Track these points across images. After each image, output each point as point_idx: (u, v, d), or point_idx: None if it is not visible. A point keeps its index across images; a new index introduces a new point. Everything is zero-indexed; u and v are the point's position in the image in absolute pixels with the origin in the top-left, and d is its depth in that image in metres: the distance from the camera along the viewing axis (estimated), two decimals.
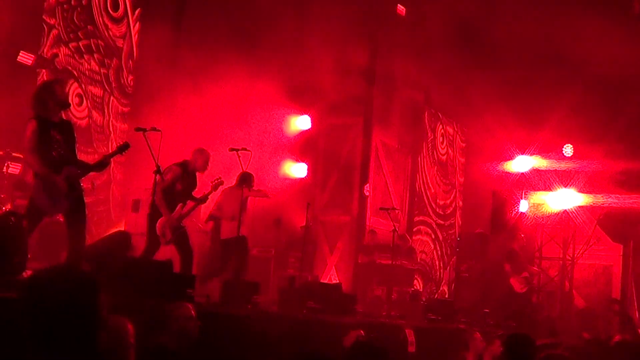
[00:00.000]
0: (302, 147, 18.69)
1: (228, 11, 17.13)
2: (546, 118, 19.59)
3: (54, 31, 14.90)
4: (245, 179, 12.67)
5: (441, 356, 11.10)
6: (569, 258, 20.00)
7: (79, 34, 15.44)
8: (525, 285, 16.69)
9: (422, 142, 21.55)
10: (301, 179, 18.45)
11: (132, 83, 16.65)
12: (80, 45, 15.50)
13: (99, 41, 15.87)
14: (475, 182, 22.29)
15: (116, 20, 16.34)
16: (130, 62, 16.60)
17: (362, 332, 9.23)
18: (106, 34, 16.04)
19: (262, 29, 17.46)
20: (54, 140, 8.46)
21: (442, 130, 22.55)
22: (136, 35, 16.70)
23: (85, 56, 15.56)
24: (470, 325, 12.92)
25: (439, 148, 22.37)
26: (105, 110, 16.06)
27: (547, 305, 19.19)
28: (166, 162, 11.77)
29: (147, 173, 11.47)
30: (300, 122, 18.70)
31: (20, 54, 13.89)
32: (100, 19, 15.93)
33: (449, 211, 22.56)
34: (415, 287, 17.27)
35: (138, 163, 13.66)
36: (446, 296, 20.98)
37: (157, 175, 10.67)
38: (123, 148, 9.25)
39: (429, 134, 21.96)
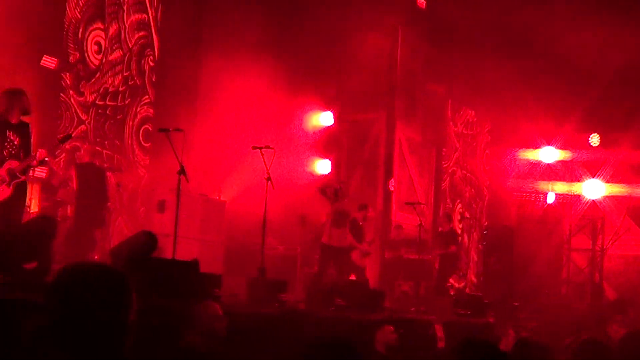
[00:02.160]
0: (325, 143, 18.68)
1: (250, 7, 17.12)
2: (572, 108, 19.46)
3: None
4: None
5: None
6: (598, 249, 19.86)
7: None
8: None
9: (446, 134, 21.48)
10: (325, 175, 18.43)
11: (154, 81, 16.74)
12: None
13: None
14: (500, 174, 22.18)
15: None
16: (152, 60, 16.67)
17: (391, 327, 9.26)
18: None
19: (284, 25, 17.48)
20: (8, 140, 9.17)
21: (466, 123, 22.44)
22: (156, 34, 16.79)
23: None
24: (500, 320, 12.87)
25: (463, 140, 22.28)
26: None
27: (577, 297, 19.07)
28: (190, 162, 11.84)
29: (171, 174, 11.52)
30: (323, 118, 18.68)
31: (43, 57, 13.98)
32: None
33: (474, 204, 22.47)
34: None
35: (162, 164, 13.70)
36: (474, 284, 20.95)
37: (181, 175, 10.70)
38: (64, 139, 10.50)
39: (453, 127, 21.87)
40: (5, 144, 9.15)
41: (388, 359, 9.00)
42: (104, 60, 15.42)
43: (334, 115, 18.59)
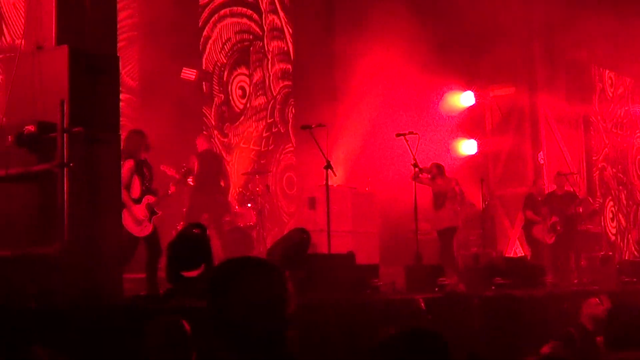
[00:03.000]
0: (469, 123, 18.44)
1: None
2: None
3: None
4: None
5: None
6: None
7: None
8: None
9: (592, 100, 20.82)
10: (472, 156, 18.19)
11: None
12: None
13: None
14: None
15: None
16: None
17: (596, 299, 8.55)
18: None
19: (413, 7, 17.33)
20: (145, 176, 9.79)
21: (612, 86, 21.68)
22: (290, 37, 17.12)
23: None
24: None
25: (611, 105, 21.53)
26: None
27: None
28: (335, 156, 11.99)
29: (318, 170, 11.67)
30: (464, 99, 18.43)
31: (183, 70, 14.44)
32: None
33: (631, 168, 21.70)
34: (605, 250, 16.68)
35: (308, 161, 13.90)
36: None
37: (329, 170, 10.81)
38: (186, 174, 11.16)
39: (598, 92, 21.18)
40: (144, 179, 9.79)
41: (594, 334, 8.24)
42: (248, 105, 15.89)
43: (474, 95, 18.30)
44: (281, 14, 17.04)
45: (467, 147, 18.29)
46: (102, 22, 7.77)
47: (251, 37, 16.53)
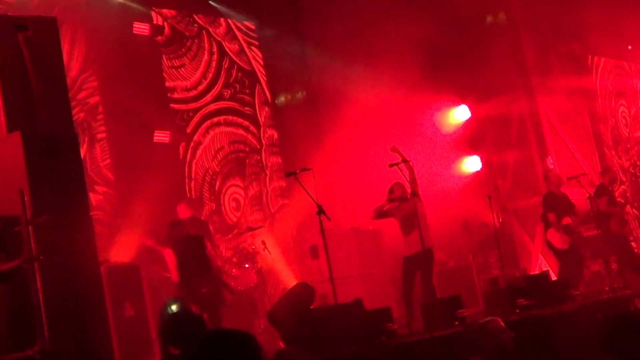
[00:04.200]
0: (468, 139, 18.41)
1: (343, 23, 17.34)
2: None
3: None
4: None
5: None
6: None
7: None
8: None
9: (595, 92, 20.85)
10: (477, 173, 18.17)
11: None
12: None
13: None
14: None
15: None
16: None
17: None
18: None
19: (379, 28, 17.47)
20: None
21: (612, 75, 21.72)
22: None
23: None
24: None
25: (613, 97, 21.56)
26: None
27: None
28: (329, 198, 11.97)
29: (312, 216, 11.64)
30: (459, 113, 18.45)
31: (155, 133, 14.65)
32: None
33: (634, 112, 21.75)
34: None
35: (303, 210, 13.91)
36: None
37: (321, 215, 10.77)
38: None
39: (599, 82, 21.21)
40: None
41: None
42: (242, 220, 16.04)
43: (469, 108, 18.32)
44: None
45: (471, 164, 18.26)
46: (54, 102, 7.76)
47: (247, 149, 17.05)
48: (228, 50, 17.49)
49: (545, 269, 16.00)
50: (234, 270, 13.77)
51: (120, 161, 14.33)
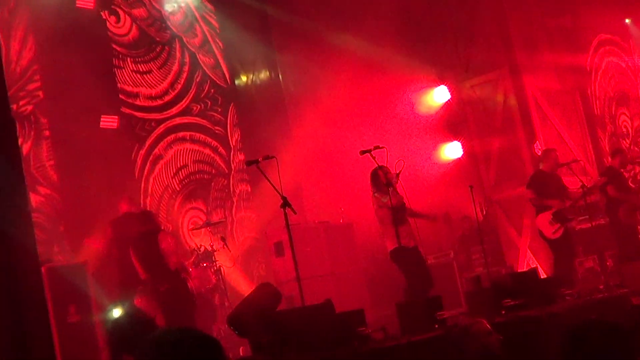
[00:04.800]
0: (447, 123, 18.47)
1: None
2: None
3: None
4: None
5: None
6: None
7: None
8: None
9: (588, 71, 20.94)
10: (458, 160, 18.23)
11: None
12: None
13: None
14: None
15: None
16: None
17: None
18: None
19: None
20: None
21: (608, 52, 21.85)
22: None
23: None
24: None
25: (613, 103, 21.68)
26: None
27: None
28: (297, 190, 11.98)
29: (276, 209, 11.61)
30: (438, 95, 18.50)
31: (102, 119, 14.62)
32: None
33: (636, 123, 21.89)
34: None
35: (263, 200, 13.89)
36: None
37: (286, 208, 10.72)
38: None
39: (593, 60, 21.31)
40: None
41: None
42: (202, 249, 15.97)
43: (448, 89, 18.37)
44: None
45: (451, 150, 18.33)
46: None
47: (214, 171, 17.07)
48: (202, 63, 17.51)
49: (534, 265, 16.09)
50: (190, 269, 13.73)
51: (65, 159, 14.26)
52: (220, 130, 17.45)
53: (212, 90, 17.53)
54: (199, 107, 17.19)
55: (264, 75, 18.24)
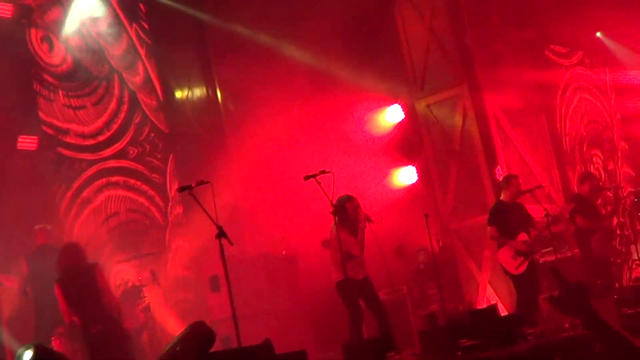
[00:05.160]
0: (401, 145, 18.54)
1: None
2: None
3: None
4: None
5: None
6: None
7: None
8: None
9: (554, 91, 21.19)
10: (413, 186, 18.29)
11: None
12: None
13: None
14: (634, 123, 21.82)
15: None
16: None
17: None
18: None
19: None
20: None
21: (575, 72, 22.18)
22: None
23: None
24: None
25: (577, 94, 21.98)
26: None
27: None
28: (228, 219, 11.90)
29: (211, 238, 11.56)
30: (391, 115, 18.58)
31: (19, 140, 14.48)
32: None
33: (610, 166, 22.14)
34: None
35: (198, 229, 13.83)
36: None
37: (222, 238, 10.68)
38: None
39: (561, 78, 21.58)
40: None
41: None
42: None
43: (402, 107, 18.45)
44: None
45: (405, 175, 18.41)
46: None
47: (148, 222, 16.85)
48: (143, 104, 17.40)
49: (494, 302, 16.16)
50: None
51: None
52: (158, 178, 17.24)
53: (152, 134, 17.37)
54: (136, 150, 17.00)
55: (199, 92, 18.20)
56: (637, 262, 16.78)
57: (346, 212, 12.48)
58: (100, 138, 16.46)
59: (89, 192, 15.95)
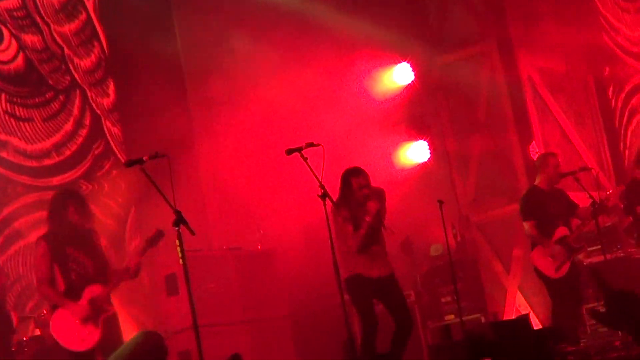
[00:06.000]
0: (410, 114, 18.50)
1: None
2: None
3: None
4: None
5: None
6: None
7: None
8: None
9: (607, 49, 21.18)
10: (424, 165, 18.24)
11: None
12: None
13: None
14: None
15: None
16: None
17: None
18: None
19: None
20: (71, 259, 10.82)
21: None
22: None
23: None
24: None
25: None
26: None
27: None
28: (189, 204, 11.83)
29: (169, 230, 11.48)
30: (398, 76, 18.50)
31: None
32: None
33: None
34: None
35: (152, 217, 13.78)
36: None
37: (181, 226, 10.54)
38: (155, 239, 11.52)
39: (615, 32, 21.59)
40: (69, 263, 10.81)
41: None
42: None
43: (412, 67, 18.38)
44: None
45: (415, 152, 18.36)
46: None
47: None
48: (107, 133, 17.33)
49: (526, 312, 16.12)
50: (44, 311, 13.54)
51: None
52: (113, 225, 16.89)
53: (115, 172, 17.07)
54: (90, 187, 16.81)
55: (156, 42, 18.02)
56: None
57: (350, 188, 12.19)
58: (46, 162, 16.47)
59: (22, 224, 15.78)
